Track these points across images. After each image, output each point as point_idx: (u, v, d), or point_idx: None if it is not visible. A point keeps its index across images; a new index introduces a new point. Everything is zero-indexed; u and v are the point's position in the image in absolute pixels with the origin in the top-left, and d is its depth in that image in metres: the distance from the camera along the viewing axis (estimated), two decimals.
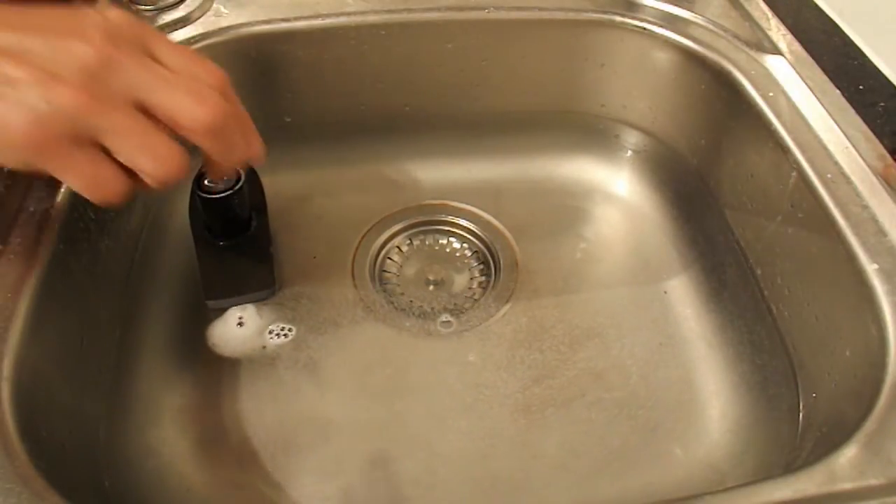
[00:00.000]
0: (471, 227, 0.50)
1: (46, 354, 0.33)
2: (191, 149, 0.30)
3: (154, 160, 0.29)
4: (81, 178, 0.29)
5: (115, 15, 0.30)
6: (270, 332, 0.43)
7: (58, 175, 0.29)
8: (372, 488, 0.38)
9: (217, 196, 0.41)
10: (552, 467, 0.39)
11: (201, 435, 0.40)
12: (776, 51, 0.44)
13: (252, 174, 0.46)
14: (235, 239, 0.43)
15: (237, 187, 0.41)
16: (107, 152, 0.29)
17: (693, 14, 0.47)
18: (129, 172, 0.29)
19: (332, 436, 0.40)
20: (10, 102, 0.27)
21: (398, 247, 0.50)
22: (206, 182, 0.42)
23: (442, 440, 0.40)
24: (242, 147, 0.32)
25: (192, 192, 0.43)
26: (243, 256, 0.43)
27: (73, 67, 0.27)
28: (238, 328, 0.43)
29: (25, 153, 0.28)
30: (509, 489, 0.39)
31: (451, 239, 0.50)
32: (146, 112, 0.29)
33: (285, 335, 0.43)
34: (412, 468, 0.39)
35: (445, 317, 0.45)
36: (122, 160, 0.29)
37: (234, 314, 0.43)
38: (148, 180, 0.30)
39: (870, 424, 0.29)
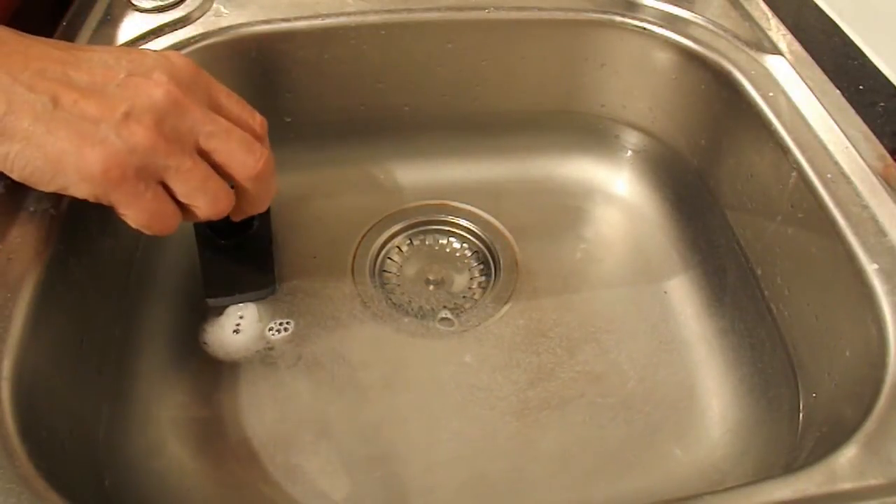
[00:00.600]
0: (471, 227, 0.50)
1: (46, 354, 0.33)
2: None
3: (210, 200, 0.32)
4: (144, 212, 0.31)
5: (176, 58, 0.32)
6: (270, 330, 0.43)
7: (121, 208, 0.30)
8: (370, 489, 0.38)
9: None
10: (552, 468, 0.39)
11: (201, 434, 0.40)
12: (776, 51, 0.44)
13: None
14: (237, 238, 0.43)
15: None
16: (165, 188, 0.31)
17: (693, 14, 0.47)
18: (181, 206, 0.32)
19: (332, 436, 0.40)
20: (90, 139, 0.29)
21: (398, 247, 0.50)
22: None
23: (442, 442, 0.40)
24: (272, 189, 0.36)
25: None
26: (244, 255, 0.43)
27: (145, 108, 0.29)
28: (236, 332, 0.43)
29: (99, 187, 0.29)
30: (510, 490, 0.39)
31: (451, 239, 0.50)
32: (202, 153, 0.32)
33: (285, 329, 0.43)
34: (412, 470, 0.39)
35: (446, 316, 0.45)
36: (180, 197, 0.32)
37: (233, 318, 0.43)
38: (199, 215, 0.33)
39: (870, 424, 0.29)
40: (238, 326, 0.43)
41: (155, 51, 0.32)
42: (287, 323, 0.44)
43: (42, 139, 0.28)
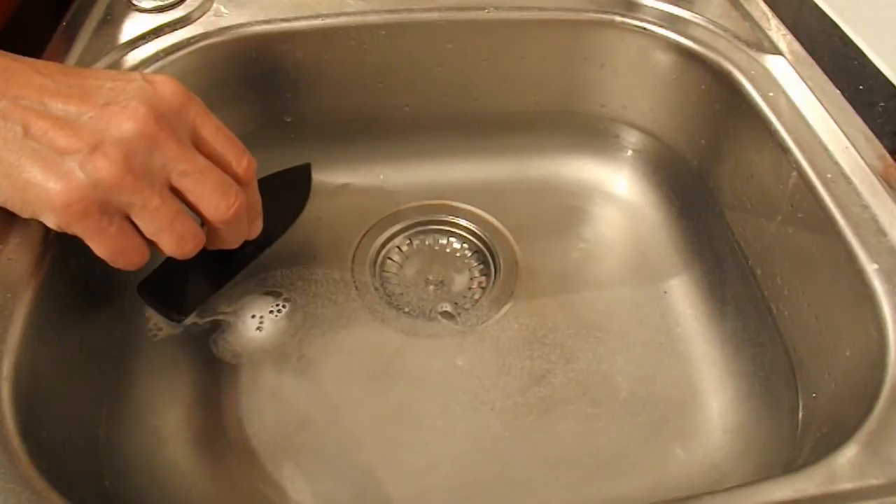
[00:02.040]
0: (471, 227, 0.50)
1: (46, 354, 0.33)
2: None
3: (175, 240, 0.31)
4: (108, 247, 0.30)
5: (163, 86, 0.31)
6: (267, 329, 0.43)
7: (86, 240, 0.30)
8: (368, 490, 0.38)
9: None
10: (552, 469, 0.39)
11: (201, 434, 0.40)
12: (776, 51, 0.44)
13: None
14: (218, 253, 0.40)
15: None
16: (133, 223, 0.30)
17: (693, 14, 0.47)
18: (149, 241, 0.31)
19: (332, 436, 0.40)
20: (54, 170, 0.28)
21: (398, 247, 0.50)
22: None
23: (444, 443, 0.40)
24: (246, 232, 0.35)
25: None
26: (198, 276, 0.42)
27: (116, 141, 0.29)
28: (258, 330, 0.43)
29: (62, 219, 0.29)
30: (510, 492, 0.39)
31: (451, 239, 0.50)
32: (174, 191, 0.31)
33: (285, 328, 0.43)
34: (410, 471, 0.39)
35: (446, 317, 0.45)
36: (145, 234, 0.31)
37: (254, 323, 0.44)
38: (165, 252, 0.32)
39: (870, 424, 0.29)
40: (261, 324, 0.43)
41: (144, 75, 0.31)
42: (287, 322, 0.44)
43: (10, 168, 0.28)
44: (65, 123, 0.28)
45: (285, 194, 0.45)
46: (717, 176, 0.47)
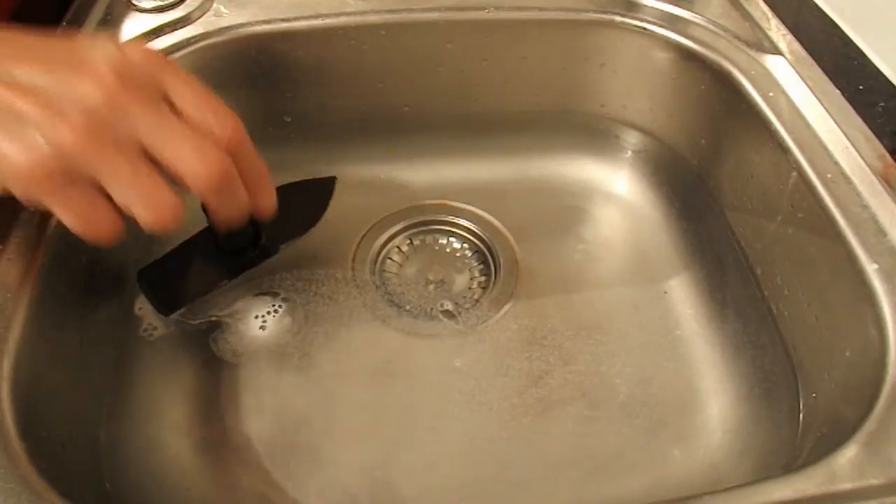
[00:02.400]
0: (471, 227, 0.50)
1: (46, 354, 0.33)
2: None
3: (149, 208, 0.29)
4: (74, 216, 0.29)
5: (132, 50, 0.29)
6: (267, 327, 0.43)
7: (53, 210, 0.29)
8: (367, 489, 0.38)
9: None
10: (552, 468, 0.39)
11: (201, 434, 0.40)
12: (776, 51, 0.44)
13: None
14: (215, 255, 0.40)
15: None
16: (104, 192, 0.29)
17: (693, 14, 0.47)
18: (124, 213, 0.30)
19: (331, 435, 0.40)
20: (15, 138, 0.27)
21: (398, 247, 0.50)
22: None
23: (445, 443, 0.40)
24: (244, 202, 0.32)
25: None
26: (194, 274, 0.41)
27: (79, 107, 0.27)
28: (262, 329, 0.43)
29: (24, 187, 0.28)
30: (510, 492, 0.39)
31: (451, 239, 0.50)
32: (149, 156, 0.29)
33: (285, 328, 0.43)
34: (414, 471, 0.39)
35: (447, 316, 0.45)
36: (118, 203, 0.29)
37: (255, 322, 0.44)
38: (140, 223, 0.30)
39: (870, 424, 0.29)
40: (263, 323, 0.44)
41: (114, 42, 0.30)
42: (289, 321, 0.44)
43: None
44: (28, 90, 0.27)
45: (303, 204, 0.44)
46: (717, 176, 0.47)
